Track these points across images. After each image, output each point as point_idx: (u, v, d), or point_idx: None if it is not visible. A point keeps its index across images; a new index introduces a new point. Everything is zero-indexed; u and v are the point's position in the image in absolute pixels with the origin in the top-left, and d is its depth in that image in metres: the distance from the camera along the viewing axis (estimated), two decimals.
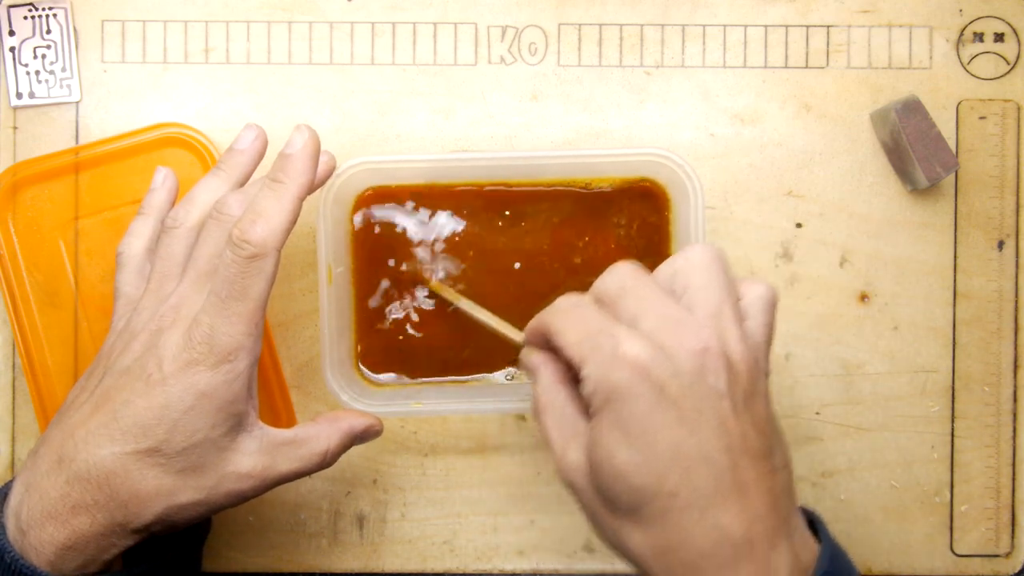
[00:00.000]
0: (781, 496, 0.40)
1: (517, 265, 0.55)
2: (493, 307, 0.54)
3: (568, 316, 0.43)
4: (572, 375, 0.43)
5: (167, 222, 0.48)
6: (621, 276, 0.43)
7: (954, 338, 0.57)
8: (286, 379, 0.56)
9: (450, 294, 0.54)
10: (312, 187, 0.47)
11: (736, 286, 0.43)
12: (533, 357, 0.45)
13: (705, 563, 0.39)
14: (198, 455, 0.44)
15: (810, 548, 0.41)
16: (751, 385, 0.41)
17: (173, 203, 0.52)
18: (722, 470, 0.39)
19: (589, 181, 0.54)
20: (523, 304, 0.55)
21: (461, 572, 0.57)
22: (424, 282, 0.54)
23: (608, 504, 0.41)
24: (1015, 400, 0.57)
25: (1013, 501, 0.57)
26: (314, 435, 0.48)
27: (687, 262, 0.42)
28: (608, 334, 0.40)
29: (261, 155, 0.51)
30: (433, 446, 0.57)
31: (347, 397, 0.52)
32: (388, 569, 0.57)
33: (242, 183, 0.50)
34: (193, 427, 0.43)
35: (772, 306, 0.43)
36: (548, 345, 0.44)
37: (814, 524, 0.43)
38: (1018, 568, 0.57)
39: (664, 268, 0.43)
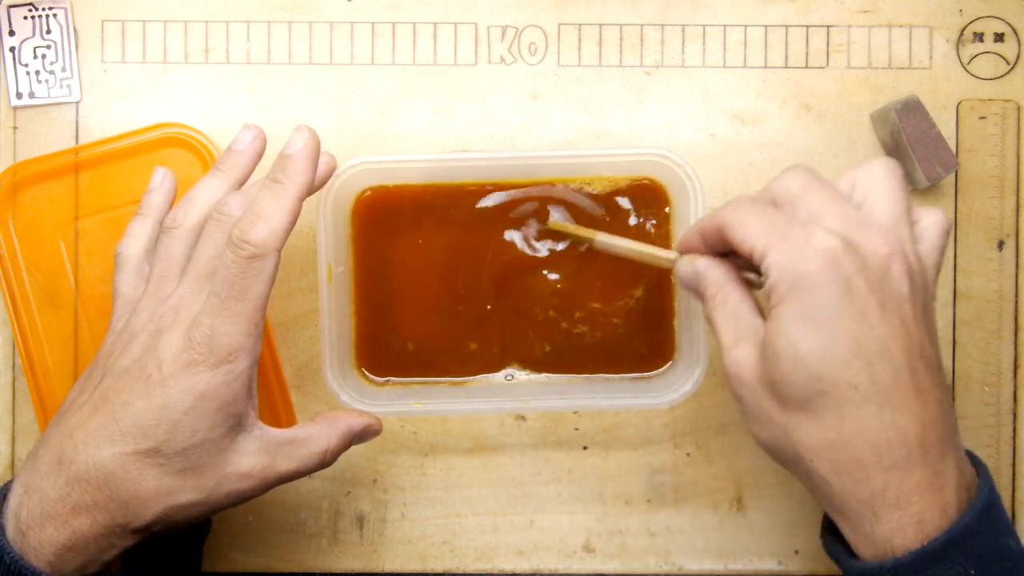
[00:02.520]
0: (949, 408, 0.41)
1: (519, 261, 0.55)
2: (496, 306, 0.54)
3: (749, 210, 0.43)
4: (742, 278, 0.44)
5: (166, 223, 0.48)
6: (801, 176, 0.43)
7: (954, 338, 0.57)
8: (286, 379, 0.56)
9: (575, 231, 0.53)
10: (312, 187, 0.46)
11: (912, 208, 0.43)
12: (699, 262, 0.45)
13: (877, 460, 0.40)
14: (198, 455, 0.44)
15: (971, 472, 0.42)
16: (927, 298, 0.42)
17: (172, 204, 0.52)
18: (901, 369, 0.40)
19: (588, 180, 0.54)
20: (523, 304, 0.55)
21: (461, 572, 0.57)
22: (542, 222, 0.54)
23: (780, 397, 0.41)
24: (1015, 400, 0.57)
25: (1013, 501, 0.57)
26: (313, 435, 0.48)
27: (868, 174, 0.43)
28: (799, 225, 0.41)
29: (260, 155, 0.51)
30: (433, 446, 0.57)
31: (347, 397, 0.52)
32: (388, 569, 0.57)
33: (241, 183, 0.50)
34: (193, 428, 0.43)
35: (946, 233, 0.43)
36: (715, 248, 0.45)
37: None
38: None
39: (844, 178, 0.43)
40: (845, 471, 0.41)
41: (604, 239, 0.52)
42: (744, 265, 0.45)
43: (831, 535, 0.44)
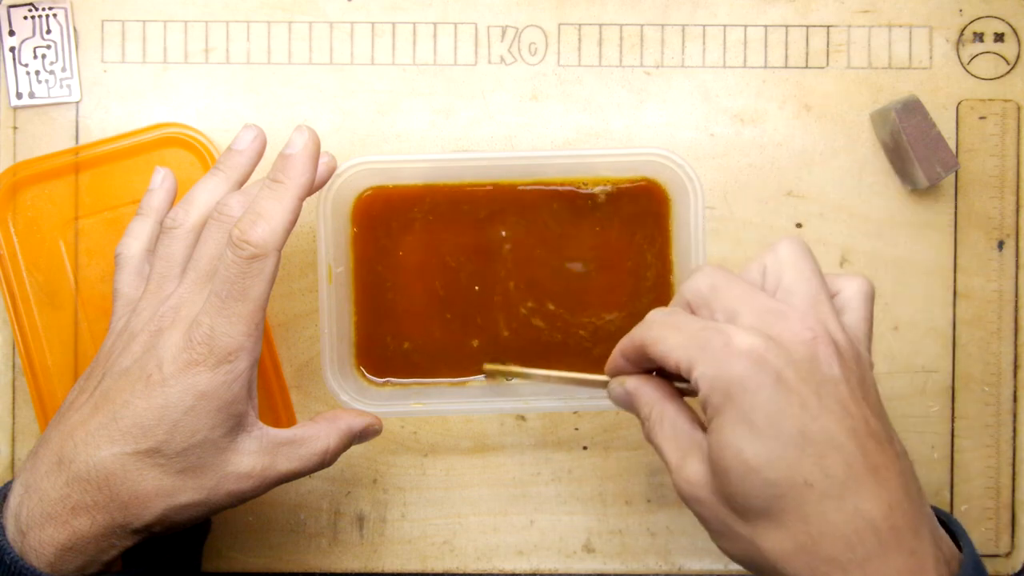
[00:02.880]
0: (911, 481, 0.39)
1: (519, 261, 0.55)
2: (491, 307, 0.54)
3: (664, 324, 0.42)
4: (674, 391, 0.43)
5: (166, 223, 0.48)
6: (710, 276, 0.42)
7: (954, 338, 0.57)
8: (286, 379, 0.56)
9: (505, 372, 0.54)
10: (312, 187, 0.46)
11: (829, 282, 0.42)
12: (629, 383, 0.44)
13: (851, 555, 0.38)
14: (198, 455, 0.44)
15: (947, 542, 0.40)
16: (860, 373, 0.40)
17: (172, 204, 0.52)
18: (852, 453, 0.38)
19: (588, 180, 0.54)
20: (523, 304, 0.55)
21: (461, 572, 0.57)
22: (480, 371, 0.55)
23: (738, 510, 0.40)
24: (1015, 400, 0.57)
25: (1013, 501, 0.57)
26: (313, 435, 0.48)
27: (776, 258, 0.42)
28: (715, 330, 0.40)
29: (260, 155, 0.51)
30: (433, 446, 0.57)
31: (347, 397, 0.52)
32: (388, 569, 0.57)
33: (241, 183, 0.50)
34: (193, 428, 0.43)
35: (870, 299, 0.43)
36: (641, 366, 0.44)
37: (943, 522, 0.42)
38: (1018, 568, 0.57)
39: (752, 267, 0.43)
40: (820, 572, 0.38)
41: (539, 373, 0.52)
42: (675, 376, 0.44)
43: None
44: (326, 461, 0.48)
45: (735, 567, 0.57)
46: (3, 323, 0.56)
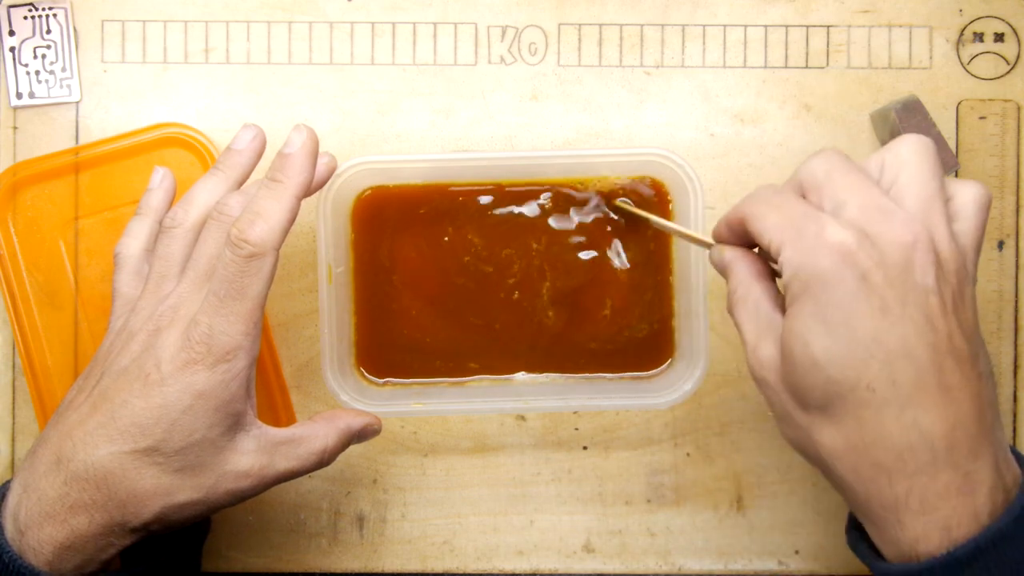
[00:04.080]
0: (986, 406, 0.39)
1: (519, 261, 0.55)
2: (491, 307, 0.54)
3: (768, 201, 0.41)
4: (767, 271, 0.43)
5: (165, 222, 0.48)
6: (828, 160, 0.41)
7: None
8: (286, 379, 0.56)
9: (635, 211, 0.53)
10: (310, 186, 0.47)
11: (947, 184, 0.41)
12: (727, 253, 0.44)
13: (900, 465, 0.38)
14: (196, 454, 0.44)
15: (1014, 472, 0.39)
16: (959, 287, 0.39)
17: (171, 203, 0.52)
18: (925, 367, 0.37)
19: (587, 181, 0.54)
20: (523, 304, 0.55)
21: (461, 572, 0.57)
22: (606, 200, 0.54)
23: (800, 399, 0.40)
24: (1015, 400, 0.57)
25: None
26: (312, 434, 0.48)
27: (896, 156, 0.41)
28: (812, 218, 0.39)
29: (259, 155, 0.51)
30: (433, 446, 0.57)
31: (347, 397, 0.52)
32: (388, 569, 0.57)
33: (241, 183, 0.50)
34: (191, 427, 0.43)
35: (984, 208, 0.41)
36: (743, 239, 0.43)
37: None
38: None
39: (872, 160, 0.41)
40: (867, 476, 0.39)
41: (657, 221, 0.52)
42: (771, 256, 0.43)
43: (856, 531, 0.43)
44: (324, 460, 0.48)
45: (735, 567, 0.57)
46: (3, 323, 0.56)
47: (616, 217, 0.54)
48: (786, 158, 0.57)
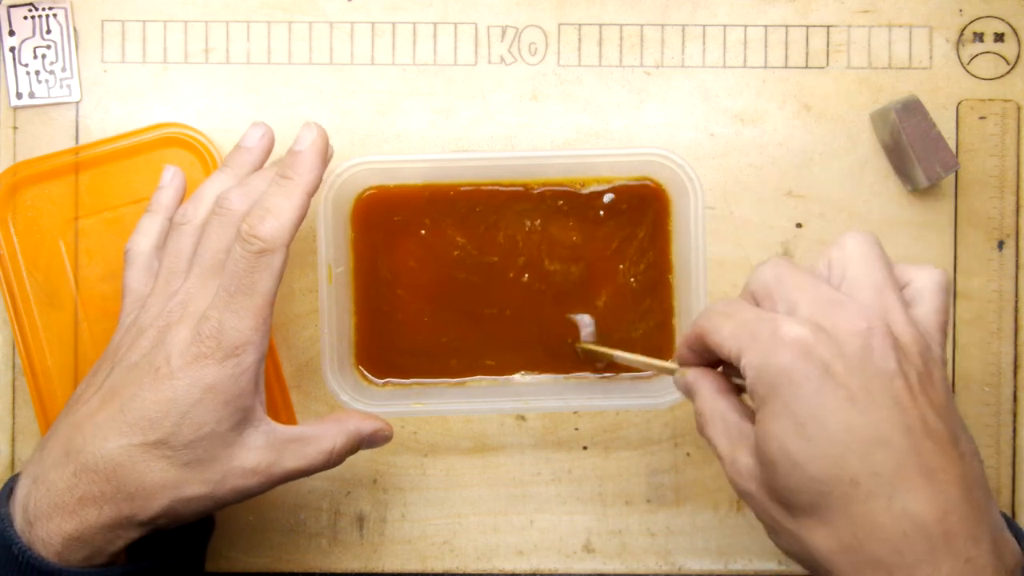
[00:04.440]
0: (975, 486, 0.37)
1: (519, 262, 0.55)
2: (491, 307, 0.54)
3: (721, 312, 0.42)
4: (730, 386, 0.43)
5: (176, 219, 0.49)
6: (776, 267, 0.41)
7: (954, 338, 0.57)
8: (286, 379, 0.56)
9: (592, 351, 0.54)
10: (319, 183, 0.47)
11: (899, 272, 0.41)
12: (689, 375, 0.44)
13: (898, 558, 0.36)
14: (204, 448, 0.44)
15: (1013, 551, 0.38)
16: (925, 367, 0.38)
17: (181, 201, 0.53)
18: (903, 452, 0.36)
19: (587, 180, 0.54)
20: (523, 304, 0.55)
21: (461, 572, 0.57)
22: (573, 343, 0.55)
23: (785, 505, 0.39)
24: (1015, 400, 0.57)
25: (1013, 501, 0.57)
26: (321, 433, 0.48)
27: (841, 252, 0.41)
28: (765, 320, 0.39)
29: (268, 153, 0.51)
30: (433, 446, 0.57)
31: (347, 398, 0.52)
32: (388, 569, 0.57)
33: None
34: (200, 420, 0.44)
35: (943, 290, 0.41)
36: (705, 356, 0.43)
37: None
38: None
39: (820, 261, 0.42)
40: (866, 575, 0.37)
41: (620, 356, 0.52)
42: (734, 372, 0.43)
43: None
44: (332, 461, 0.48)
45: (735, 567, 0.57)
46: (3, 323, 0.56)
47: (579, 354, 0.54)
48: (786, 158, 0.57)
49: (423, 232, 0.55)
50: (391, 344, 0.55)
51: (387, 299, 0.55)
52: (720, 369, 0.44)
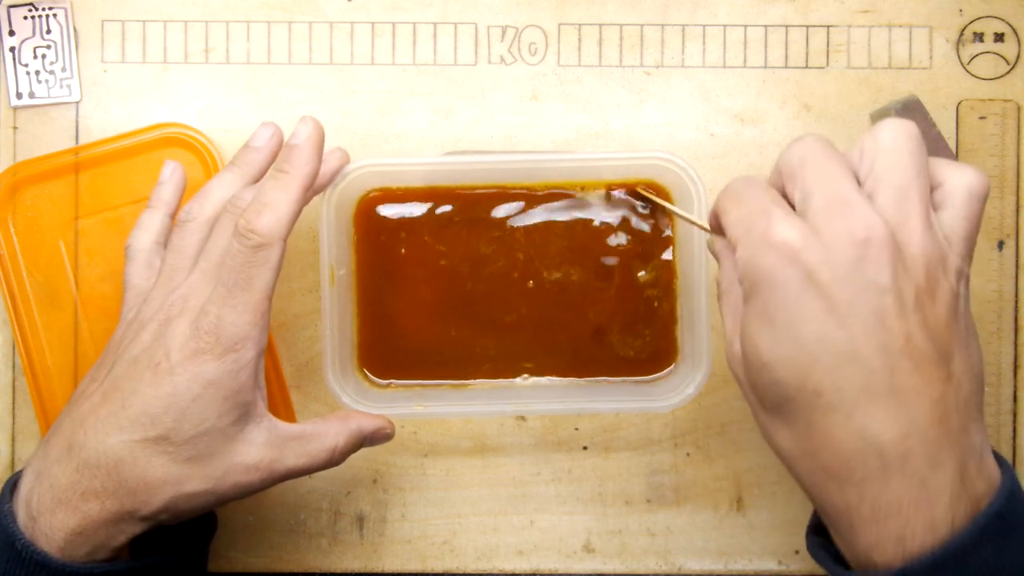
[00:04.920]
0: (955, 410, 0.36)
1: (522, 264, 0.55)
2: (494, 309, 0.54)
3: (734, 194, 0.40)
4: None
5: (180, 216, 0.49)
6: (804, 147, 0.39)
7: None
8: (286, 379, 0.56)
9: (649, 196, 0.53)
10: (317, 176, 0.47)
11: (934, 169, 0.39)
12: (716, 244, 0.43)
13: (847, 472, 0.36)
14: (206, 444, 0.44)
15: (987, 479, 0.37)
16: (929, 282, 0.37)
17: (181, 196, 0.53)
18: (874, 371, 0.36)
19: (588, 184, 0.54)
20: (525, 306, 0.55)
21: (461, 572, 0.57)
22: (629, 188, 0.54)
23: (760, 398, 0.39)
24: (1015, 400, 0.57)
25: None
26: (323, 431, 0.48)
27: (874, 142, 0.39)
28: (763, 215, 0.38)
29: (276, 154, 0.51)
30: (433, 446, 0.57)
31: (349, 400, 0.52)
32: (388, 569, 0.57)
33: (257, 180, 0.50)
34: (201, 416, 0.44)
35: (976, 198, 0.39)
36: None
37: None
38: None
39: (856, 146, 0.39)
40: (819, 481, 0.38)
41: (668, 207, 0.52)
42: None
43: (816, 535, 0.42)
44: (334, 460, 0.48)
45: (735, 567, 0.57)
46: (3, 323, 0.56)
47: (634, 201, 0.54)
48: None
49: (425, 234, 0.54)
50: (393, 346, 0.55)
51: (389, 301, 0.55)
52: None
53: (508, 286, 0.55)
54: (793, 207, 0.39)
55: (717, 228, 0.43)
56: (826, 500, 0.38)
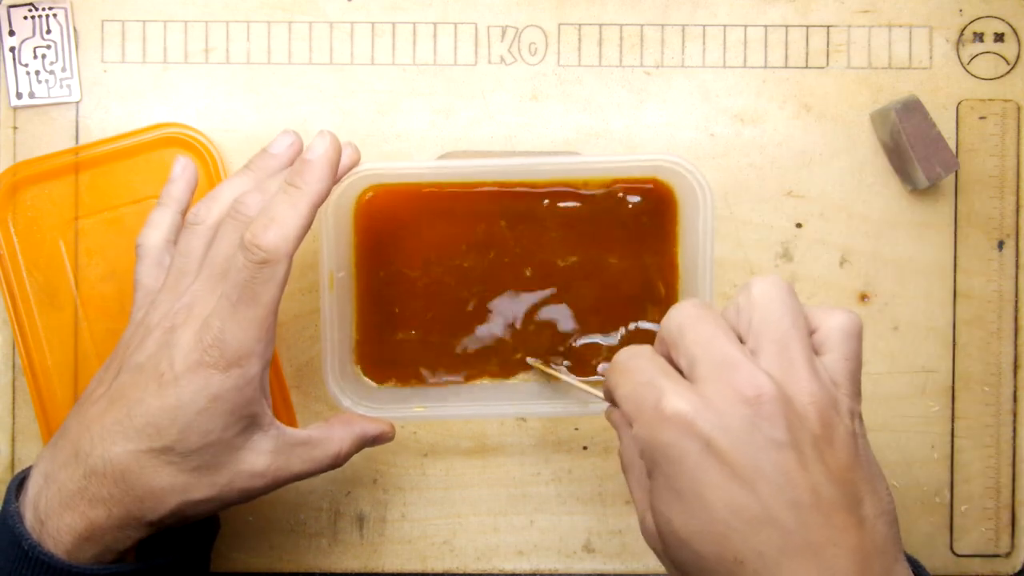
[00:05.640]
0: (875, 555, 0.36)
1: (523, 264, 0.55)
2: (494, 310, 0.54)
3: (622, 368, 0.40)
4: None
5: (188, 218, 0.48)
6: (681, 313, 0.40)
7: (954, 338, 0.57)
8: (286, 379, 0.56)
9: (543, 370, 0.53)
10: (328, 195, 0.46)
11: (810, 317, 0.39)
12: (613, 416, 0.43)
13: None
14: (212, 454, 0.44)
15: None
16: (825, 429, 0.37)
17: (193, 192, 0.52)
18: (789, 530, 0.35)
19: (591, 182, 0.54)
20: (526, 308, 0.55)
21: (461, 572, 0.57)
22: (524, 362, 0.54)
23: (681, 573, 0.38)
24: (1015, 400, 0.57)
25: (1013, 501, 0.57)
26: (328, 437, 0.48)
27: (747, 298, 0.39)
28: (651, 387, 0.38)
29: (292, 163, 0.50)
30: (433, 446, 0.57)
31: (348, 402, 0.52)
32: (388, 569, 0.57)
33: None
34: (206, 428, 0.44)
35: (852, 336, 0.39)
36: None
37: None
38: (1018, 568, 0.57)
39: (730, 305, 0.40)
40: None
41: (567, 379, 0.51)
42: None
43: None
44: (337, 464, 0.49)
45: None
46: (3, 323, 0.56)
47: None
48: (786, 158, 0.57)
49: (425, 235, 0.54)
50: (393, 346, 0.55)
51: (389, 301, 0.55)
52: None
53: (508, 286, 0.54)
54: (682, 372, 0.39)
55: (613, 400, 0.42)
56: None
